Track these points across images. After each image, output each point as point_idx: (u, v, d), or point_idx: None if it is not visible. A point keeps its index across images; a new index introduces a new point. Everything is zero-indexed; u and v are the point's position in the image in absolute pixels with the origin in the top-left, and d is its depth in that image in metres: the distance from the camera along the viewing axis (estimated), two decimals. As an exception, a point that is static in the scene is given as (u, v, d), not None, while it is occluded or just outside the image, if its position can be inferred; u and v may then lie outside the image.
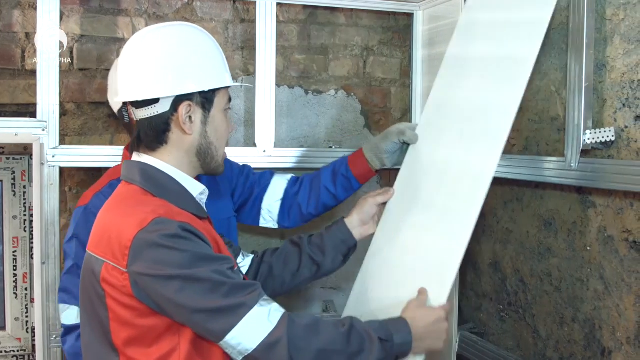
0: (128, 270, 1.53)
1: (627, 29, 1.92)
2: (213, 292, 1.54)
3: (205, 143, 1.77)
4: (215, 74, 1.79)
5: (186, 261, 1.53)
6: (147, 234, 1.53)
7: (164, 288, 1.52)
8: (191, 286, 1.52)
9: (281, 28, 3.00)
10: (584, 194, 2.10)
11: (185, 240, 1.56)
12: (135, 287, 1.54)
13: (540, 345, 2.33)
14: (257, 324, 1.56)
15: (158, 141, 1.73)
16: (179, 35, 1.78)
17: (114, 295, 1.57)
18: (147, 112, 1.71)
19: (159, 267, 1.52)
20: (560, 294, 2.22)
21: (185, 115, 1.71)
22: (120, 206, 1.67)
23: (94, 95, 2.81)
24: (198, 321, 1.54)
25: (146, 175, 1.71)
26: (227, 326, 1.54)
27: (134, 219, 1.56)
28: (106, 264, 1.57)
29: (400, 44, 3.22)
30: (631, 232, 1.90)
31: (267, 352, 1.55)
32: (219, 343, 1.57)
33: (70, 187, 2.83)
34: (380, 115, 3.21)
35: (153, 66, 1.71)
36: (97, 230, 1.67)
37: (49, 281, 2.53)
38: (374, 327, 1.67)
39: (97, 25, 2.79)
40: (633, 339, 1.90)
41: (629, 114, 1.91)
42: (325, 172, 2.36)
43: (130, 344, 1.60)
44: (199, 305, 1.53)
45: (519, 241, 2.43)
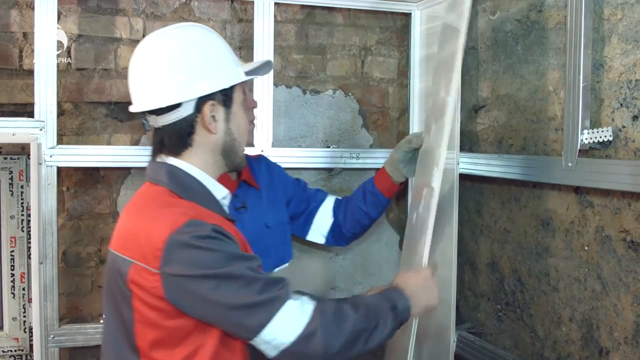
0: (160, 272, 1.54)
1: (625, 28, 1.92)
2: (248, 288, 1.56)
3: (229, 140, 1.80)
4: (231, 70, 1.80)
5: (220, 260, 1.56)
6: (180, 236, 1.54)
7: (199, 288, 1.54)
8: (226, 284, 1.55)
9: (279, 28, 3.00)
10: (582, 194, 2.10)
11: (218, 241, 1.58)
12: (166, 289, 1.55)
13: (537, 345, 2.33)
14: (292, 317, 1.60)
15: (183, 145, 1.75)
16: (190, 37, 1.78)
17: (142, 296, 1.58)
18: (170, 118, 1.71)
19: (194, 267, 1.54)
20: (558, 294, 2.22)
21: (210, 115, 1.73)
22: (147, 207, 1.68)
23: (92, 95, 2.80)
24: (234, 318, 1.57)
25: (173, 177, 1.72)
26: (264, 320, 1.57)
27: (165, 220, 1.58)
28: (134, 265, 1.58)
29: (398, 44, 3.22)
30: (629, 232, 1.90)
31: (303, 344, 1.59)
32: (252, 340, 1.60)
33: (68, 187, 2.83)
34: (378, 115, 3.21)
35: (171, 71, 1.71)
36: (123, 230, 1.68)
37: (47, 281, 2.53)
38: (380, 301, 1.76)
39: (94, 25, 2.79)
40: (630, 338, 1.90)
41: (627, 114, 1.91)
42: (357, 192, 2.53)
43: (156, 345, 1.61)
44: (235, 301, 1.55)
45: (517, 241, 2.43)
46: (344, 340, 1.64)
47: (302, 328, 1.59)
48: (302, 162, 2.66)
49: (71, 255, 2.85)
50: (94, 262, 2.88)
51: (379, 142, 3.21)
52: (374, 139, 3.21)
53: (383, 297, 1.79)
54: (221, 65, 1.78)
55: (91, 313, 2.88)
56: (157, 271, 1.55)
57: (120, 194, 2.88)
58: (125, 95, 2.79)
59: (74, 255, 2.85)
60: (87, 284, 2.88)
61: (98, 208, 2.87)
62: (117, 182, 2.88)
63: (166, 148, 1.76)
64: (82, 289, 2.87)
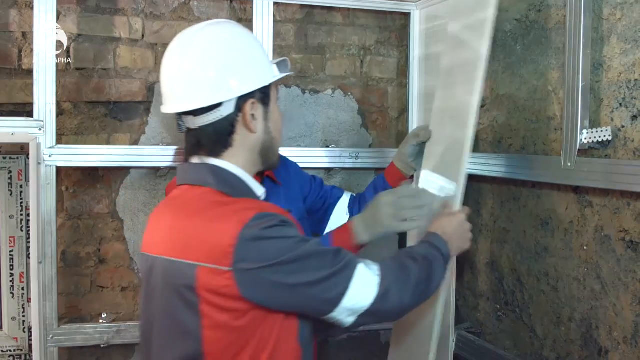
0: (233, 269, 1.53)
1: (624, 28, 1.92)
2: (321, 262, 1.60)
3: (268, 139, 1.81)
4: (268, 67, 1.81)
5: (291, 245, 1.58)
6: (250, 230, 1.55)
7: (277, 275, 1.55)
8: (302, 264, 1.58)
9: (278, 27, 3.00)
10: (581, 194, 2.10)
11: (285, 228, 1.61)
12: (241, 285, 1.54)
13: (537, 345, 2.33)
14: (366, 280, 1.65)
15: (223, 145, 1.74)
16: (228, 34, 1.77)
17: (212, 299, 1.57)
18: (210, 118, 1.70)
19: (267, 258, 1.55)
20: (557, 294, 2.22)
21: (251, 114, 1.73)
22: (204, 209, 1.65)
23: (91, 95, 2.80)
24: (315, 294, 1.59)
25: (219, 177, 1.72)
26: (343, 288, 1.61)
27: (232, 218, 1.58)
28: (201, 268, 1.56)
29: (398, 44, 3.22)
30: (628, 232, 1.90)
31: (381, 303, 1.65)
32: (332, 311, 1.63)
33: (67, 186, 2.83)
34: (377, 115, 3.21)
35: (212, 70, 1.70)
36: (177, 235, 1.65)
37: (46, 281, 2.53)
38: (428, 248, 1.84)
39: (94, 25, 2.79)
40: (630, 338, 1.90)
41: (626, 114, 1.91)
42: (369, 189, 2.50)
43: (226, 348, 1.60)
44: (313, 278, 1.58)
45: (516, 241, 2.43)
46: (412, 291, 1.71)
47: (377, 288, 1.64)
48: (301, 161, 2.65)
49: (70, 255, 2.85)
50: (93, 262, 2.88)
51: (378, 141, 3.21)
52: (374, 138, 3.21)
53: (429, 245, 1.86)
54: (259, 62, 1.78)
55: (90, 313, 2.88)
56: (228, 269, 1.54)
57: (119, 194, 2.88)
58: (124, 94, 2.81)
59: (73, 255, 2.85)
60: (86, 284, 2.88)
61: (97, 208, 2.87)
62: (116, 182, 2.88)
63: (204, 149, 1.75)
64: (81, 289, 2.87)
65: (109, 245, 2.90)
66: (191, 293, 1.57)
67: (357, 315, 1.65)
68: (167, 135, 2.91)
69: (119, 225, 2.91)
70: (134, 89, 2.86)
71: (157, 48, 2.88)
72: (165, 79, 1.77)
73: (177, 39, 1.78)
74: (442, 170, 2.18)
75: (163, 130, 2.90)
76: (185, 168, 1.79)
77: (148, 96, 2.88)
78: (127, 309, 2.94)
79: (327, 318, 1.65)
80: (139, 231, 2.92)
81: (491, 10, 2.10)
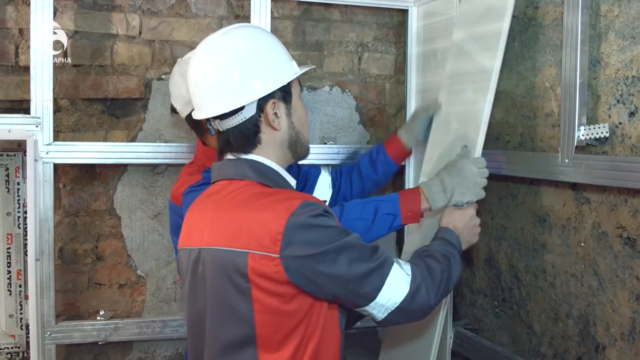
0: (281, 255, 1.61)
1: (622, 25, 1.92)
2: (361, 256, 1.68)
3: (294, 134, 1.86)
4: (286, 65, 1.86)
5: (334, 235, 1.66)
6: (297, 218, 1.62)
7: (320, 264, 1.63)
8: (343, 255, 1.65)
9: (276, 24, 3.00)
10: (578, 190, 2.10)
11: (328, 217, 1.69)
12: (288, 271, 1.61)
13: (534, 341, 2.34)
14: (400, 277, 1.73)
15: (252, 144, 1.81)
16: (244, 39, 1.83)
17: (263, 284, 1.64)
18: (235, 121, 1.77)
19: (313, 246, 1.62)
20: (555, 290, 2.22)
21: (272, 113, 1.79)
22: (250, 199, 1.72)
23: (88, 92, 2.81)
24: (353, 288, 1.67)
25: (258, 170, 1.80)
26: (379, 284, 1.69)
27: (279, 206, 1.65)
28: (252, 255, 1.63)
29: (395, 40, 3.22)
30: (625, 228, 1.90)
31: (411, 301, 1.74)
32: (367, 306, 1.72)
33: (65, 183, 2.83)
34: (374, 112, 3.21)
35: (233, 76, 1.77)
36: (225, 225, 1.71)
37: (43, 278, 2.53)
38: (444, 245, 1.95)
39: (90, 22, 2.79)
40: (627, 334, 1.91)
41: (623, 110, 1.91)
42: (363, 162, 2.54)
43: (276, 331, 1.67)
44: (353, 271, 1.66)
45: (514, 237, 2.43)
46: (436, 291, 1.80)
47: (408, 286, 1.73)
48: (298, 158, 2.65)
49: (68, 252, 2.85)
50: (90, 259, 2.88)
51: (375, 138, 3.21)
52: (371, 135, 3.21)
53: (444, 242, 1.97)
54: (277, 62, 1.84)
55: (88, 310, 2.89)
56: (277, 256, 1.61)
57: (116, 191, 2.88)
58: (121, 91, 2.82)
59: (70, 252, 2.86)
60: (83, 281, 2.88)
61: (94, 205, 2.87)
62: (113, 178, 2.88)
63: (234, 148, 1.82)
64: (78, 286, 2.87)
65: (106, 242, 2.91)
66: (243, 279, 1.65)
67: (389, 312, 1.73)
68: (165, 132, 2.91)
69: (117, 222, 2.91)
70: (131, 86, 2.86)
71: (154, 45, 2.88)
72: (192, 86, 1.85)
73: (200, 47, 1.84)
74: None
75: (160, 127, 2.90)
76: (221, 165, 1.85)
77: (145, 93, 2.88)
78: (124, 305, 2.94)
79: (361, 311, 1.75)
80: (136, 228, 2.92)
81: (507, 21, 2.16)
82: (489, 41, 2.24)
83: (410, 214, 2.12)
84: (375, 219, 2.12)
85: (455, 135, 2.33)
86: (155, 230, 2.96)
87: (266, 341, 1.68)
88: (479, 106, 2.22)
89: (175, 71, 2.34)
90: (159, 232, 2.96)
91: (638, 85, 1.86)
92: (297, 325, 1.68)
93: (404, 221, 2.13)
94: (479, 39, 2.31)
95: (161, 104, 2.90)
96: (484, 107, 2.19)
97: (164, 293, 2.99)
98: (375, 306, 1.71)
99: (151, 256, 2.96)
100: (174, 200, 2.24)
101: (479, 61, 2.28)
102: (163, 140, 2.88)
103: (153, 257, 2.96)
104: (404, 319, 1.79)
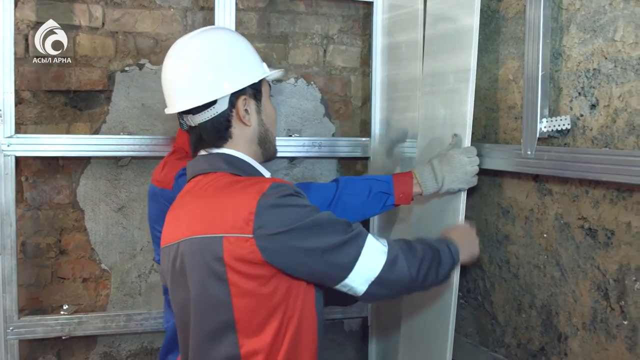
0: (254, 235, 1.66)
1: (583, 18, 1.94)
2: (335, 229, 1.74)
3: (263, 130, 1.94)
4: (258, 65, 1.94)
5: (306, 212, 1.71)
6: (268, 198, 1.68)
7: (294, 240, 1.68)
8: (318, 229, 1.71)
9: (240, 16, 2.99)
10: (541, 182, 2.12)
11: (300, 197, 1.76)
12: (263, 250, 1.66)
13: (498, 332, 2.36)
14: (376, 248, 1.79)
15: (223, 138, 1.87)
16: (217, 38, 1.93)
17: (239, 267, 1.68)
18: (207, 115, 1.84)
19: (286, 223, 1.67)
20: (518, 281, 2.24)
21: (243, 109, 1.87)
22: (224, 188, 1.78)
23: (50, 84, 2.77)
24: (329, 259, 1.72)
25: (230, 163, 1.85)
26: (355, 254, 1.74)
27: (250, 189, 1.72)
28: (227, 238, 1.68)
29: (360, 33, 3.22)
30: (586, 219, 1.93)
31: (390, 269, 1.79)
32: (346, 279, 1.75)
33: (27, 176, 2.79)
34: (340, 104, 3.22)
35: (204, 71, 1.85)
36: (201, 215, 1.76)
37: (5, 272, 2.51)
38: (436, 240, 2.00)
39: (53, 12, 2.75)
40: (588, 324, 1.93)
41: (585, 103, 1.93)
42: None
43: (253, 314, 1.72)
44: (328, 243, 1.71)
45: (478, 229, 2.44)
46: (419, 264, 1.84)
47: (385, 255, 1.78)
48: (264, 151, 2.64)
49: (30, 246, 2.82)
50: (53, 253, 2.85)
51: (341, 131, 3.21)
52: (337, 127, 3.21)
53: (437, 239, 2.02)
54: (248, 61, 1.92)
55: (51, 304, 2.86)
56: (250, 236, 1.66)
57: (80, 184, 2.86)
58: (84, 83, 2.78)
59: (33, 246, 2.82)
60: (46, 275, 2.85)
61: (57, 198, 2.85)
62: (76, 171, 2.85)
63: (206, 143, 1.88)
64: (41, 280, 2.84)
65: (69, 236, 2.88)
66: (219, 264, 1.69)
67: (369, 283, 1.77)
68: (129, 124, 2.89)
69: (80, 215, 2.88)
70: (94, 78, 2.83)
71: (117, 36, 2.85)
72: (165, 83, 1.91)
73: (174, 46, 1.91)
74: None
75: (124, 119, 2.88)
76: (195, 161, 1.91)
77: (109, 85, 2.85)
78: (88, 300, 2.92)
79: (342, 285, 1.77)
80: (100, 221, 2.90)
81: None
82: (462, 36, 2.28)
83: (403, 195, 2.23)
84: (370, 196, 2.20)
85: (443, 124, 2.37)
86: (120, 224, 2.94)
87: (245, 325, 1.72)
88: (462, 96, 2.24)
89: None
90: (123, 226, 2.94)
91: (599, 77, 1.88)
92: (275, 308, 1.72)
93: (397, 201, 2.22)
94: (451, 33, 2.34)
95: (125, 96, 2.88)
96: (467, 97, 2.21)
97: (129, 287, 2.97)
98: (355, 277, 1.75)
99: (115, 249, 2.94)
100: (162, 186, 2.22)
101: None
102: (127, 133, 2.86)
103: (117, 251, 2.94)
104: (385, 291, 1.82)
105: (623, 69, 1.80)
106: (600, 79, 1.88)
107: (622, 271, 1.81)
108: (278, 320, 1.73)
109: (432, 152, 2.36)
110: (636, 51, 1.76)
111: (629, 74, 1.78)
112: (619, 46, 1.82)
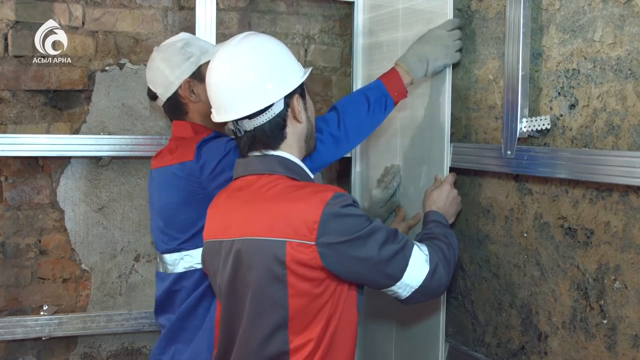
0: (317, 243, 1.77)
1: (562, 18, 1.95)
2: (387, 239, 1.85)
3: (310, 127, 2.03)
4: (299, 64, 2.02)
5: (363, 222, 1.83)
6: (331, 208, 1.78)
7: (352, 249, 1.80)
8: (372, 238, 1.82)
9: (221, 16, 2.99)
10: (521, 182, 2.13)
11: (357, 207, 1.86)
12: (324, 257, 1.78)
13: (479, 331, 2.36)
14: (420, 258, 1.91)
15: (280, 138, 1.95)
16: (264, 43, 1.98)
17: (298, 270, 1.80)
18: (264, 118, 1.91)
19: (346, 233, 1.79)
20: (498, 280, 2.25)
21: (298, 107, 1.95)
22: (284, 194, 1.86)
23: (30, 83, 2.75)
24: (381, 268, 1.84)
25: (286, 166, 1.94)
26: (404, 265, 1.86)
27: (313, 197, 1.81)
28: (290, 243, 1.78)
29: (341, 33, 3.22)
30: (566, 219, 1.94)
31: (431, 279, 1.91)
32: (393, 286, 1.89)
33: (6, 176, 2.78)
34: (321, 104, 3.22)
35: (261, 76, 1.90)
36: (259, 217, 1.85)
37: (-16, 273, 2.49)
38: (440, 226, 2.16)
39: (32, 11, 2.74)
40: (568, 323, 1.94)
41: (564, 103, 1.94)
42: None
43: (305, 313, 1.83)
44: (381, 253, 1.83)
45: (458, 229, 2.46)
46: (450, 267, 1.98)
47: (428, 265, 1.90)
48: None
49: (10, 246, 2.80)
50: (33, 253, 2.83)
51: (322, 130, 3.21)
52: (318, 127, 3.21)
53: (435, 222, 2.18)
54: (293, 62, 1.99)
55: (31, 305, 2.84)
56: (313, 243, 1.77)
57: (60, 184, 2.84)
58: (64, 82, 2.77)
59: (12, 246, 2.81)
60: (26, 275, 2.83)
61: (37, 198, 2.83)
62: (56, 171, 2.84)
63: (262, 144, 1.94)
64: (21, 281, 2.82)
65: (49, 236, 2.86)
66: (280, 266, 1.80)
67: (413, 291, 1.90)
68: (109, 124, 2.87)
69: (60, 215, 2.87)
70: (74, 77, 2.82)
71: (97, 35, 2.84)
72: (219, 91, 1.94)
73: (221, 54, 1.95)
74: None
75: (104, 119, 2.86)
76: (247, 161, 1.97)
77: (89, 84, 2.84)
78: (68, 300, 2.90)
79: (387, 291, 1.91)
80: (80, 221, 2.88)
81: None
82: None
83: (397, 93, 2.30)
84: (370, 107, 2.25)
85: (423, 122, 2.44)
86: (100, 224, 2.92)
87: (297, 323, 1.83)
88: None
89: (155, 57, 2.36)
90: (103, 226, 2.93)
91: (578, 77, 1.90)
92: (323, 305, 1.83)
93: (395, 99, 2.30)
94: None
95: (105, 96, 2.87)
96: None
97: (109, 287, 2.95)
98: (401, 285, 1.88)
99: (96, 250, 2.92)
100: (180, 160, 2.21)
101: None
102: (107, 133, 2.85)
103: (97, 251, 2.93)
104: (425, 297, 1.94)
105: (602, 69, 1.81)
106: (580, 79, 1.89)
107: (602, 270, 1.82)
108: (325, 317, 1.84)
109: (414, 150, 2.37)
110: (615, 51, 1.77)
111: (607, 74, 1.79)
112: (598, 46, 1.83)
